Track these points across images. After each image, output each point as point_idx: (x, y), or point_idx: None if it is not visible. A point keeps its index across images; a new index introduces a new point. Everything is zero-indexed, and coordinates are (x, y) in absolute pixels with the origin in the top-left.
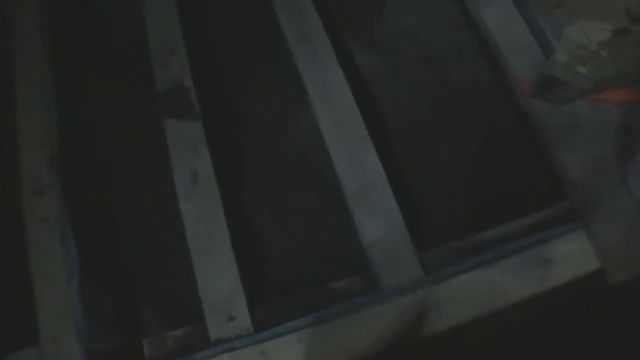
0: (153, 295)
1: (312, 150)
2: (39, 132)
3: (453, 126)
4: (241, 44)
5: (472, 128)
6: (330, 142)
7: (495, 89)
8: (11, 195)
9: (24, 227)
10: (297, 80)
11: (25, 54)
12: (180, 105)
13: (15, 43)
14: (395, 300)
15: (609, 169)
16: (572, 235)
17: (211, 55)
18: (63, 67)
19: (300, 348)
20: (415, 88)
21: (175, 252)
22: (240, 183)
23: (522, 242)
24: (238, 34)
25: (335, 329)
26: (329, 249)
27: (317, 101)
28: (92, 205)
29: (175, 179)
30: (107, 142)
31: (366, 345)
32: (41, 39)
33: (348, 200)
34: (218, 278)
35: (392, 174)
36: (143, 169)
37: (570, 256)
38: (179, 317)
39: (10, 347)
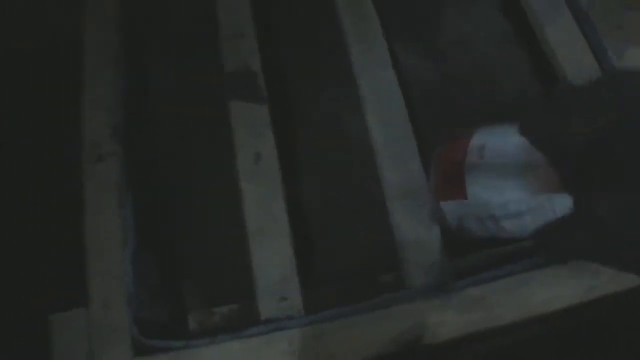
0: (202, 271)
1: (361, 148)
2: (104, 100)
3: None
4: (304, 35)
5: None
6: (377, 142)
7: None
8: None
9: (82, 191)
10: (352, 78)
11: (95, 23)
12: (248, 89)
13: (86, 11)
14: (425, 300)
15: None
16: None
17: (277, 44)
18: (132, 38)
19: (352, 333)
20: (465, 97)
21: (228, 230)
22: (297, 171)
23: None
24: (302, 25)
25: (383, 318)
26: (373, 245)
27: (369, 101)
28: (152, 177)
29: (237, 159)
30: (170, 117)
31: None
32: (112, 8)
33: (388, 200)
34: (274, 259)
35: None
36: (204, 146)
37: None
38: (227, 294)
39: (59, 308)
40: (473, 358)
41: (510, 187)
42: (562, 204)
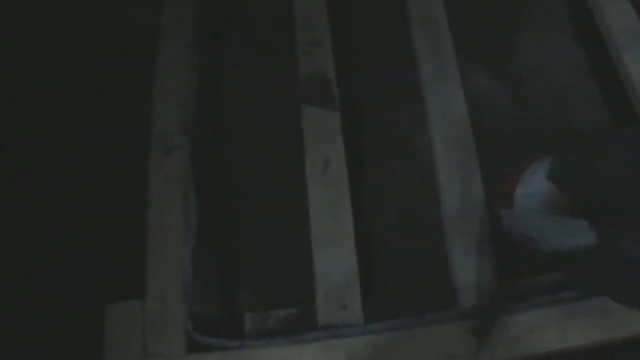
0: (261, 272)
1: (424, 164)
2: (176, 94)
3: None
4: (377, 47)
5: None
6: (440, 160)
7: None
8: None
9: (147, 183)
10: (420, 94)
11: (172, 17)
12: (321, 94)
13: (164, 7)
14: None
15: None
16: None
17: (350, 53)
18: (207, 36)
19: (408, 346)
20: (536, 121)
21: (292, 233)
22: (362, 180)
23: None
24: (375, 37)
25: (439, 334)
26: (429, 261)
27: (435, 118)
28: (217, 174)
29: (306, 163)
30: (241, 116)
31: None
32: (190, 6)
33: (445, 219)
34: (336, 265)
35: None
36: (272, 148)
37: None
38: (285, 297)
39: (115, 297)
40: None
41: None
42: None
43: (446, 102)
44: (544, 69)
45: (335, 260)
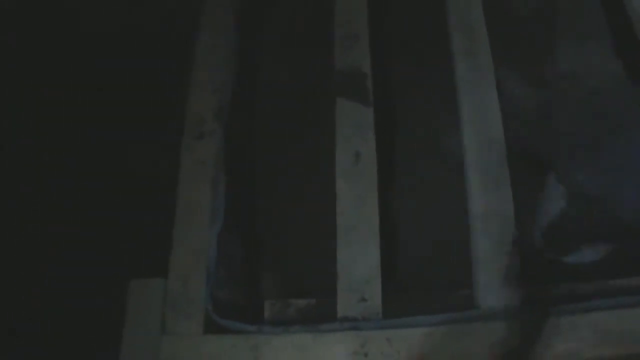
0: (284, 260)
1: (455, 165)
2: (213, 79)
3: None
4: (413, 45)
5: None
6: (471, 162)
7: None
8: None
9: (178, 165)
10: (454, 95)
11: (213, 6)
12: (356, 88)
13: None
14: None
15: None
16: None
17: (387, 50)
18: (247, 26)
19: (427, 343)
20: (569, 128)
21: (317, 224)
22: (391, 177)
23: None
24: (413, 35)
25: (458, 333)
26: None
27: (468, 121)
28: (247, 161)
29: (336, 156)
30: (275, 105)
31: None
32: None
33: (472, 220)
34: (359, 258)
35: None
36: (304, 138)
37: None
38: (306, 287)
39: (138, 275)
40: None
41: None
42: None
43: (480, 105)
44: (580, 75)
45: (358, 253)
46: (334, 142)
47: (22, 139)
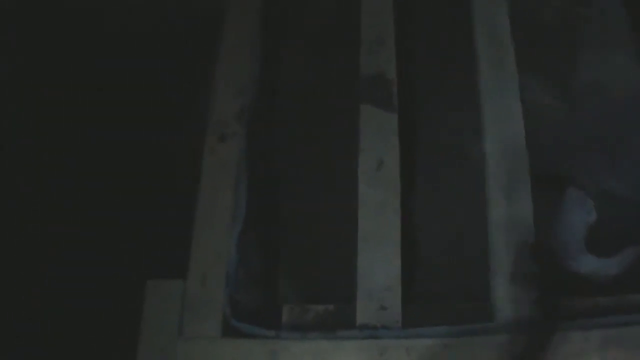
0: (304, 265)
1: (476, 173)
2: (237, 82)
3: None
4: (439, 51)
5: None
6: (492, 171)
7: None
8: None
9: (201, 167)
10: (478, 102)
11: (238, 7)
12: (381, 94)
13: None
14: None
15: None
16: None
17: (412, 54)
18: (272, 28)
19: (446, 355)
20: (592, 138)
21: (338, 230)
22: (413, 184)
23: None
24: (438, 41)
25: (477, 344)
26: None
27: (490, 129)
28: (269, 165)
29: (359, 162)
30: (298, 109)
31: None
32: None
33: (492, 230)
34: (379, 266)
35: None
36: (326, 143)
37: None
38: (325, 294)
39: (156, 275)
40: None
41: None
42: None
43: (503, 114)
44: (604, 86)
45: (379, 260)
46: (356, 147)
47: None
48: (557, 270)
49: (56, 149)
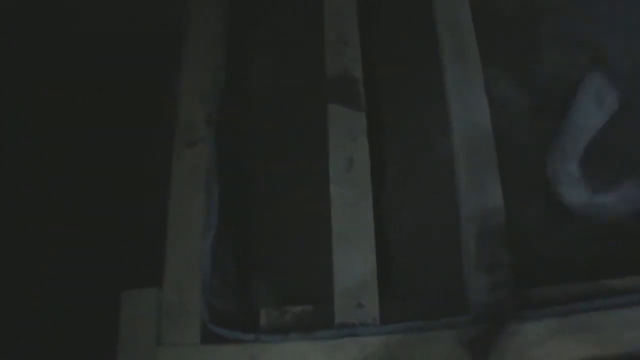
0: (279, 268)
1: (445, 168)
2: (203, 87)
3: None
4: (403, 49)
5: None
6: (461, 165)
7: None
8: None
9: (170, 174)
10: (444, 98)
11: (201, 12)
12: (347, 94)
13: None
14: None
15: None
16: None
17: (376, 52)
18: (235, 31)
19: (424, 348)
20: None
21: (311, 230)
22: (383, 182)
23: None
24: (402, 39)
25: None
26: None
27: (457, 124)
28: (239, 169)
29: (330, 162)
30: (265, 111)
31: None
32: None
33: (463, 223)
34: (355, 265)
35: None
36: (296, 144)
37: None
38: (302, 294)
39: (131, 285)
40: None
41: None
42: None
43: (469, 108)
44: (566, 78)
45: (354, 259)
46: (327, 147)
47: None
48: (529, 259)
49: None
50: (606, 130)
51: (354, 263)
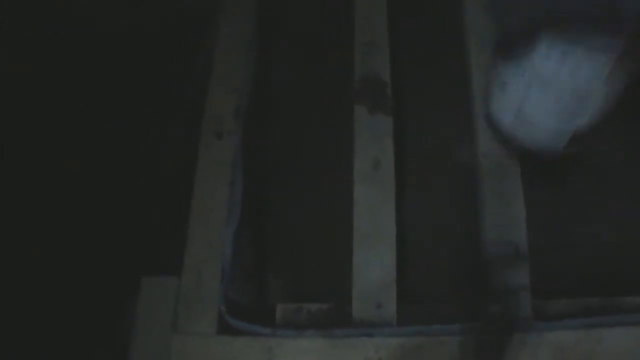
0: (299, 264)
1: (469, 177)
2: (233, 79)
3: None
4: (431, 55)
5: None
6: (484, 174)
7: None
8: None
9: (196, 163)
10: (471, 107)
11: (233, 6)
12: (375, 97)
13: None
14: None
15: None
16: None
17: (405, 56)
18: (267, 28)
19: (440, 351)
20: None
21: (333, 228)
22: (407, 185)
23: None
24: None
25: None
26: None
27: (483, 134)
28: (265, 164)
29: (355, 161)
30: (293, 109)
31: None
32: None
33: (482, 232)
34: (375, 264)
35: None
36: (322, 143)
37: None
38: (318, 293)
39: (151, 271)
40: None
41: None
42: None
43: None
44: None
45: (375, 259)
46: (351, 147)
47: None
48: (545, 271)
49: (56, 149)
50: None
51: (374, 263)
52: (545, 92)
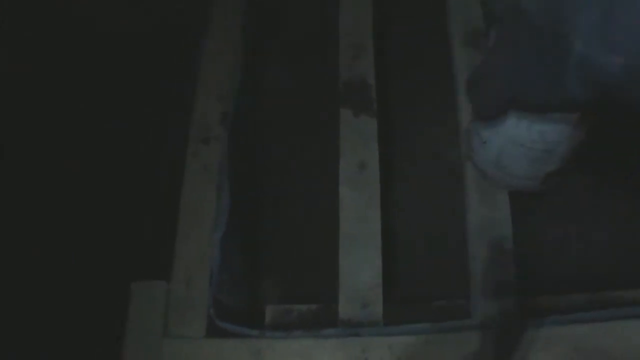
0: (286, 266)
1: (454, 176)
2: (219, 85)
3: None
4: (417, 56)
5: None
6: (470, 174)
7: None
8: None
9: (183, 169)
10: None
11: (221, 12)
12: (360, 99)
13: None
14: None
15: None
16: None
17: (390, 58)
18: (253, 33)
19: (427, 350)
20: None
21: (319, 230)
22: (393, 187)
23: None
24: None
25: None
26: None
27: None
28: (252, 168)
29: (340, 164)
30: (279, 113)
31: None
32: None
33: (468, 232)
34: (361, 265)
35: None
36: (308, 146)
37: None
38: (308, 293)
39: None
40: None
41: None
42: None
43: None
44: None
45: (361, 260)
46: (337, 150)
47: (22, 139)
48: (534, 268)
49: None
50: None
51: (360, 264)
52: (517, 149)
